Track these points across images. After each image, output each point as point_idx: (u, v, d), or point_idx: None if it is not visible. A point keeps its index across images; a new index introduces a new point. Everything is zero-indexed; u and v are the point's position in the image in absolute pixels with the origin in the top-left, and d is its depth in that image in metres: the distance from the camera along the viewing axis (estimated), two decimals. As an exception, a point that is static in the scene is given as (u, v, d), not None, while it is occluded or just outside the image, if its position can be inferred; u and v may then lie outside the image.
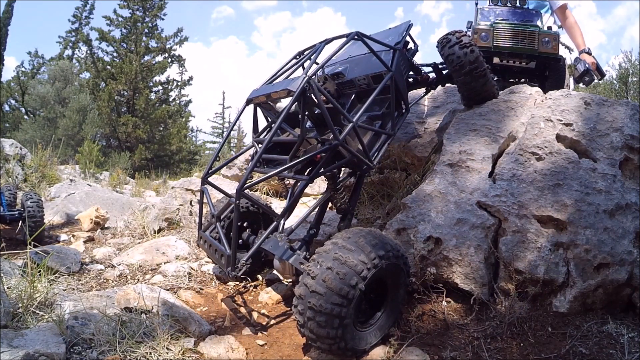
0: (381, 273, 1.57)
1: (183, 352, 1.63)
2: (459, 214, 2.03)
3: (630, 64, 8.89)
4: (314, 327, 1.50)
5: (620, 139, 2.16)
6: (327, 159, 1.83)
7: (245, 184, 1.70)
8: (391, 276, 1.65)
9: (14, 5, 15.61)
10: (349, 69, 2.26)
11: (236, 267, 1.71)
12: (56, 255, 2.56)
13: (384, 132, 2.09)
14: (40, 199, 3.34)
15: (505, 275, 1.92)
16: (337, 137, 1.77)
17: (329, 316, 1.46)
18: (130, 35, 17.64)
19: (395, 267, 1.62)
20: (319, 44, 2.07)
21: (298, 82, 1.73)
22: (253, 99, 2.01)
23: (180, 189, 3.76)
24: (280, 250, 1.76)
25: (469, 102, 2.58)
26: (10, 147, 6.17)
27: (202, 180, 2.03)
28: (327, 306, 1.45)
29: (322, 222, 2.21)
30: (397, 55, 2.13)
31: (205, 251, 2.10)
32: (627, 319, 1.83)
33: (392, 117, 2.12)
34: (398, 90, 2.12)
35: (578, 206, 1.94)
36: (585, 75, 3.14)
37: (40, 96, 14.91)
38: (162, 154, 17.29)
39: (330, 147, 1.79)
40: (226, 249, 1.79)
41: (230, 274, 1.70)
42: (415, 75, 2.52)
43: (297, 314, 1.55)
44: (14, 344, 1.44)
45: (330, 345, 1.53)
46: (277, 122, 1.74)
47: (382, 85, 1.98)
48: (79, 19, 20.34)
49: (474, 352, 1.64)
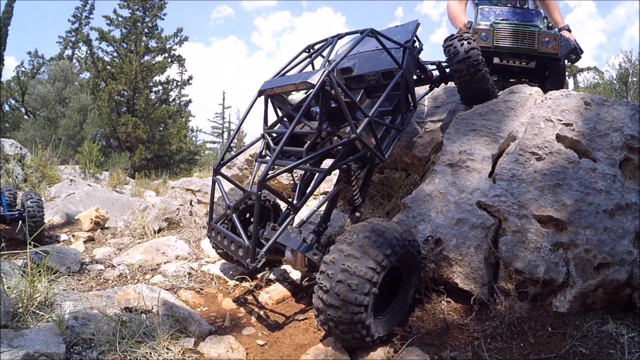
0: (391, 267, 1.60)
1: (183, 352, 1.63)
2: (459, 214, 2.03)
3: (630, 64, 8.89)
4: (340, 334, 1.57)
5: (620, 139, 2.16)
6: (345, 151, 1.84)
7: (267, 175, 1.69)
8: (402, 263, 1.68)
9: (14, 5, 15.60)
10: (357, 65, 2.28)
11: (256, 259, 1.70)
12: (56, 255, 2.56)
13: (394, 127, 2.12)
14: (40, 199, 3.34)
15: (505, 275, 1.92)
16: (354, 131, 1.78)
17: (350, 324, 1.51)
18: (130, 35, 17.64)
19: (405, 255, 1.65)
20: (332, 39, 2.09)
21: (318, 75, 1.73)
22: (266, 91, 2.00)
23: (180, 189, 3.76)
24: (292, 242, 1.77)
25: (468, 102, 2.60)
26: (10, 147, 6.17)
27: (214, 172, 2.02)
28: (347, 316, 1.50)
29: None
30: (407, 53, 2.17)
31: (216, 243, 2.07)
32: (627, 319, 1.82)
33: (403, 112, 2.15)
34: (408, 87, 2.16)
35: (578, 206, 1.94)
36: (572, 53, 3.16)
37: (40, 96, 14.91)
38: (162, 154, 17.29)
39: (349, 141, 1.80)
40: (245, 241, 1.77)
41: (249, 265, 1.69)
42: (421, 73, 2.56)
43: (321, 324, 1.61)
44: (14, 344, 1.44)
45: (359, 342, 1.59)
46: (298, 114, 1.74)
47: (394, 82, 2.01)
48: (79, 19, 20.34)
49: (474, 352, 1.64)
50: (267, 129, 2.09)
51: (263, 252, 1.71)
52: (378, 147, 1.97)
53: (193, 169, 13.52)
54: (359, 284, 1.47)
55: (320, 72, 1.75)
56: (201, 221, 3.53)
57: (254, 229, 1.71)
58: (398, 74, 2.07)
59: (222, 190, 2.03)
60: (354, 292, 1.47)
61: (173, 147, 17.52)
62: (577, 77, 13.31)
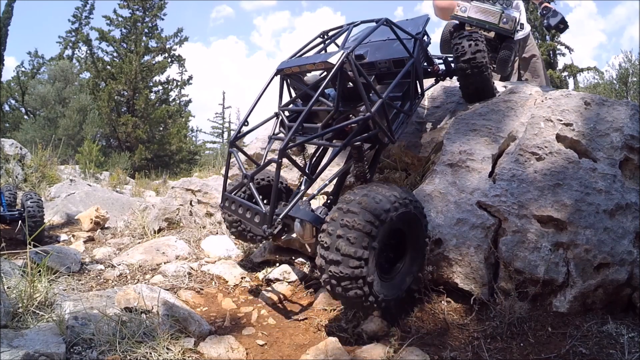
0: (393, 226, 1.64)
1: (183, 352, 1.63)
2: (459, 214, 2.03)
3: (630, 64, 8.90)
4: (342, 292, 1.56)
5: (620, 139, 2.16)
6: (358, 129, 1.92)
7: (289, 144, 1.77)
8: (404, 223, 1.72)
9: (14, 5, 15.62)
10: (369, 52, 2.39)
11: (272, 225, 1.74)
12: (56, 255, 2.56)
13: (403, 112, 2.22)
14: (40, 199, 3.34)
15: (505, 275, 1.92)
16: (369, 110, 1.86)
17: (351, 279, 1.52)
18: (130, 35, 17.64)
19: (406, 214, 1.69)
20: (347, 26, 2.20)
21: (337, 56, 1.82)
22: (284, 70, 2.08)
23: (180, 189, 3.75)
24: (301, 213, 1.81)
25: (468, 98, 2.69)
26: (10, 147, 6.17)
27: (230, 144, 2.11)
28: (347, 271, 1.51)
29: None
30: (418, 44, 2.27)
31: (229, 212, 2.13)
32: (627, 319, 1.82)
33: (411, 99, 2.26)
34: (417, 75, 2.27)
35: (578, 206, 1.94)
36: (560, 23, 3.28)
37: (40, 96, 14.91)
38: (162, 154, 17.28)
39: (364, 119, 1.88)
40: (262, 208, 1.82)
41: (266, 231, 1.74)
42: (428, 66, 2.67)
43: (324, 284, 1.62)
44: (14, 344, 1.44)
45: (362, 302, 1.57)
46: (317, 92, 1.83)
47: (406, 69, 2.11)
48: (79, 19, 20.35)
49: (474, 352, 1.64)
50: (282, 107, 2.17)
51: (280, 219, 1.76)
52: (389, 128, 2.04)
53: (193, 169, 13.50)
54: (357, 237, 1.51)
55: (339, 53, 1.83)
56: (201, 221, 3.52)
57: (273, 195, 1.75)
58: (409, 62, 2.16)
59: (239, 160, 2.10)
60: (353, 245, 1.51)
61: (173, 147, 17.51)
62: (577, 77, 13.33)
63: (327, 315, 2.02)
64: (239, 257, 2.85)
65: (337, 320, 1.95)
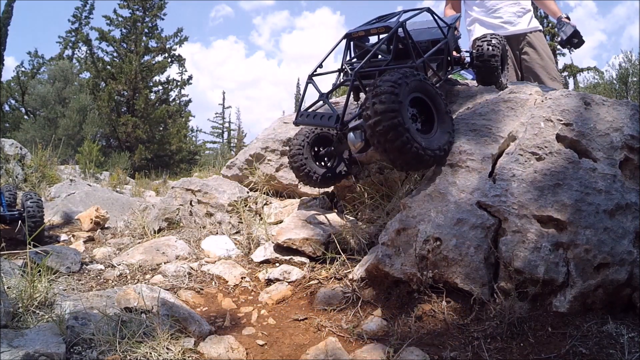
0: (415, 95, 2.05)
1: (183, 352, 1.63)
2: (458, 214, 2.03)
3: (630, 64, 8.89)
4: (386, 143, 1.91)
5: (620, 139, 2.16)
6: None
7: (361, 68, 2.23)
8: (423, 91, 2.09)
9: (14, 5, 15.62)
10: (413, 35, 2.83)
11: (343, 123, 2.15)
12: (56, 255, 2.56)
13: (438, 75, 2.64)
14: (40, 199, 3.34)
15: (505, 275, 1.92)
16: (414, 61, 2.35)
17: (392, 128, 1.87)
18: (130, 35, 17.64)
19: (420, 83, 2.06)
20: (399, 12, 2.62)
21: (395, 21, 2.36)
22: (352, 34, 2.53)
23: (180, 189, 3.75)
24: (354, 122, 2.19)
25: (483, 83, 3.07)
26: (10, 147, 6.16)
27: (309, 77, 2.47)
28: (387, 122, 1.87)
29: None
30: (451, 31, 2.79)
31: (304, 123, 2.48)
32: (627, 319, 1.82)
33: (444, 70, 2.78)
34: (449, 53, 2.77)
35: (578, 206, 1.94)
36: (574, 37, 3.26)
37: (40, 96, 14.92)
38: (162, 154, 17.29)
39: (411, 66, 2.31)
40: (334, 111, 2.22)
41: (338, 126, 2.16)
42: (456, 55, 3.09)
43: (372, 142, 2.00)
44: (14, 344, 1.44)
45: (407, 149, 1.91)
46: (377, 46, 2.41)
47: (440, 44, 2.63)
48: (78, 19, 20.37)
49: (474, 352, 1.64)
50: (347, 61, 2.62)
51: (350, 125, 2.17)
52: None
53: (193, 169, 13.47)
54: (386, 97, 1.90)
55: (395, 19, 2.41)
56: (201, 221, 3.52)
57: (345, 102, 2.19)
58: (443, 41, 2.66)
59: (316, 87, 2.44)
60: (384, 103, 1.89)
61: (173, 147, 17.52)
62: (577, 77, 13.33)
63: (327, 315, 2.02)
64: (239, 257, 2.85)
65: (337, 320, 1.95)
